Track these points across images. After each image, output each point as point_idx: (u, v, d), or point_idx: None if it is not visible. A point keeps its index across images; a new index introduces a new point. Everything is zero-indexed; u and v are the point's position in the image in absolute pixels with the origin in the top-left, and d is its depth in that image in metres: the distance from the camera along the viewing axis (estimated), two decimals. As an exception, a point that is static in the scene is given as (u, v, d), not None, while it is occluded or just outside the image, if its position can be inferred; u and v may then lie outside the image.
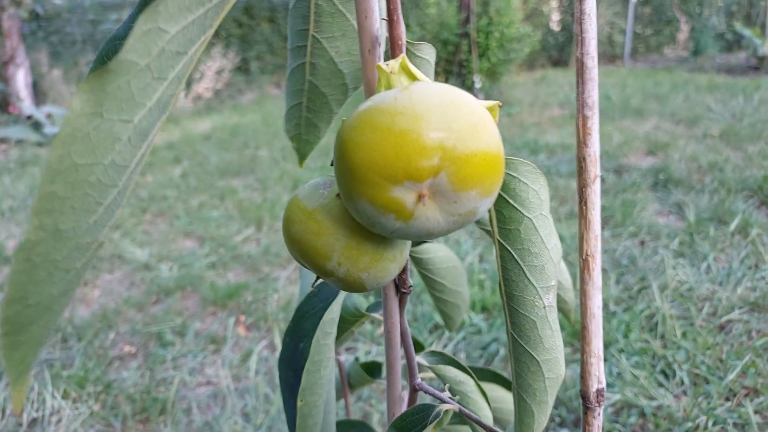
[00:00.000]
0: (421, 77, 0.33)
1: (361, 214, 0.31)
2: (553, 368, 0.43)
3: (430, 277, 0.75)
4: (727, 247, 2.48)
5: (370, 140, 0.28)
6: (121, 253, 2.81)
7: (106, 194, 0.28)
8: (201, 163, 4.45)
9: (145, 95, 0.27)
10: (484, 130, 0.29)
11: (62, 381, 1.86)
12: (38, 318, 0.30)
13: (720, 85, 6.00)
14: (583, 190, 0.49)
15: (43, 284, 0.28)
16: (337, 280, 0.37)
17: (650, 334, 1.92)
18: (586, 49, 0.44)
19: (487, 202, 0.31)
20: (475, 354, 1.90)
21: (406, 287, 0.46)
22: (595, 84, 0.46)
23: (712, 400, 1.60)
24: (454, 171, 0.28)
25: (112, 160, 0.27)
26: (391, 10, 0.33)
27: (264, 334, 2.11)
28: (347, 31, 0.42)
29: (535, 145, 4.23)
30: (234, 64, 7.63)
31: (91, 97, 0.25)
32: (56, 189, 0.25)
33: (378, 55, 0.36)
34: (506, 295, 0.41)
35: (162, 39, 0.26)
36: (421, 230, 0.31)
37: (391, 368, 0.53)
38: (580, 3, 0.42)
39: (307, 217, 0.36)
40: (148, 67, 0.26)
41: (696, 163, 3.58)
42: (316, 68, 0.44)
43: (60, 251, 0.28)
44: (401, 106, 0.28)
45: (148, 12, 0.25)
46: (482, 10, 5.91)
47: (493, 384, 0.78)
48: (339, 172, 0.31)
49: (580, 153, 0.48)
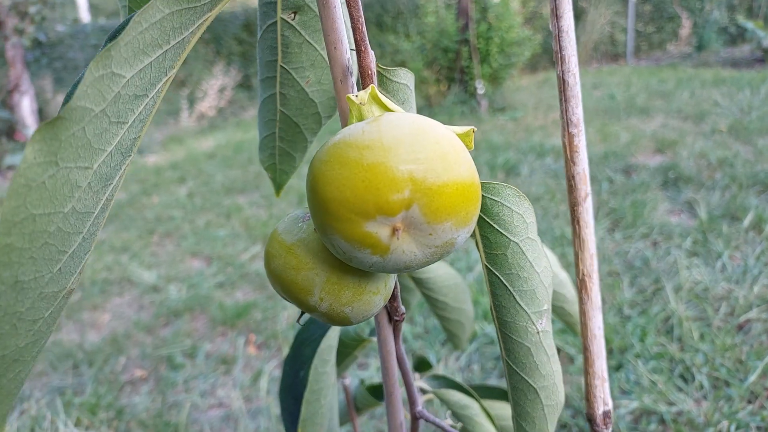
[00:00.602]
0: (391, 107, 0.32)
1: (337, 249, 0.30)
2: (551, 395, 0.41)
3: (431, 296, 0.74)
4: (741, 244, 2.43)
5: (339, 175, 0.27)
6: (129, 276, 2.81)
7: (69, 242, 0.27)
8: (206, 182, 4.46)
9: (103, 140, 0.26)
10: (455, 159, 0.28)
11: (74, 408, 1.86)
12: (6, 370, 0.29)
13: (726, 79, 5.95)
14: (575, 209, 0.48)
15: (6, 337, 0.27)
16: (320, 314, 0.36)
17: (667, 338, 1.89)
18: (567, 66, 0.42)
19: (464, 232, 0.30)
20: (488, 365, 1.88)
21: (399, 315, 0.45)
22: (578, 101, 0.44)
23: (734, 404, 1.56)
24: (426, 203, 0.27)
25: (72, 207, 0.26)
26: (358, 40, 0.31)
27: (274, 353, 2.09)
28: (316, 61, 0.41)
29: (541, 149, 4.20)
30: (236, 81, 7.68)
31: (44, 146, 0.24)
32: (12, 241, 0.25)
33: (350, 84, 0.35)
34: (498, 322, 0.39)
35: (117, 84, 0.25)
36: (398, 263, 0.30)
37: (390, 396, 0.52)
38: (557, 20, 0.41)
39: (287, 252, 0.35)
40: (104, 113, 0.25)
41: (705, 159, 3.54)
42: (286, 98, 0.43)
43: (23, 303, 0.27)
44: (369, 140, 0.27)
45: (100, 57, 0.24)
46: (481, 16, 5.91)
47: (501, 401, 0.76)
48: (312, 208, 0.30)
49: (569, 172, 0.46)
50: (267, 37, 0.41)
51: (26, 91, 5.84)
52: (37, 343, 0.30)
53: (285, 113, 0.44)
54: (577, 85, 0.42)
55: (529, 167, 3.84)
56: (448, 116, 5.59)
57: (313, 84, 0.43)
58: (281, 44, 0.41)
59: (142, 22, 0.25)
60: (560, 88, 0.42)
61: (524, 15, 7.94)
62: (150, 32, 0.26)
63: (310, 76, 0.42)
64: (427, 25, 6.22)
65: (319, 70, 0.42)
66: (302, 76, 0.42)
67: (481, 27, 5.81)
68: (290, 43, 0.41)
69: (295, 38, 0.41)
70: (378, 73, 0.37)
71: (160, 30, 0.26)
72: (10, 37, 5.56)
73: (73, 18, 9.13)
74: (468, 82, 5.96)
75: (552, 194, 3.25)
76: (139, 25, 0.25)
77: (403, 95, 0.40)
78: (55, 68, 6.91)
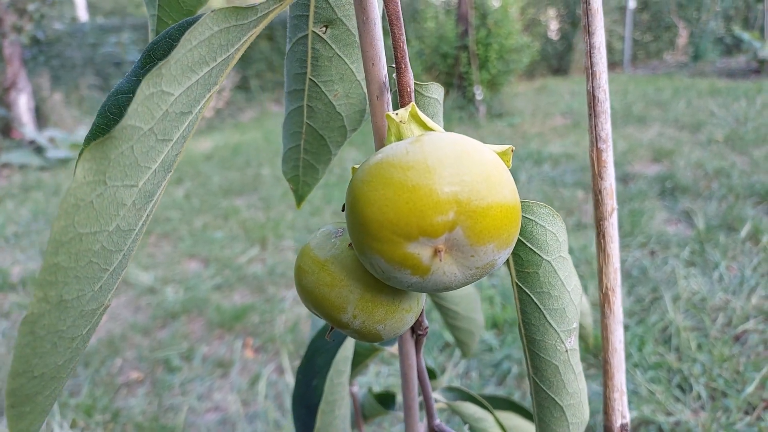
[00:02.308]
0: (431, 125, 0.32)
1: (375, 268, 0.30)
2: (576, 413, 0.41)
3: (443, 305, 0.74)
4: (738, 254, 2.45)
5: (382, 196, 0.27)
6: (125, 277, 2.80)
7: (111, 260, 0.27)
8: (204, 184, 4.45)
9: (149, 158, 0.26)
10: (498, 180, 0.28)
11: (70, 410, 1.85)
12: (44, 388, 0.29)
13: (722, 90, 5.99)
14: (601, 223, 0.48)
15: (47, 355, 0.27)
16: (352, 331, 0.36)
17: (665, 347, 1.90)
18: (598, 82, 0.42)
19: (505, 253, 0.30)
20: (487, 372, 1.88)
21: (422, 329, 0.45)
22: (607, 117, 0.45)
23: (731, 415, 1.57)
24: (470, 225, 0.27)
25: (116, 225, 0.26)
26: (398, 58, 0.31)
27: (272, 357, 2.09)
28: (345, 75, 0.41)
29: (538, 156, 4.22)
30: (234, 83, 7.67)
31: (94, 166, 0.24)
32: (60, 260, 0.24)
33: (387, 100, 0.34)
34: (527, 339, 0.39)
35: (165, 102, 0.25)
36: (438, 284, 0.30)
37: (409, 409, 0.51)
38: (589, 37, 0.41)
39: (320, 268, 0.35)
40: (152, 131, 0.25)
41: (702, 169, 3.56)
42: (313, 111, 0.43)
43: (64, 321, 0.27)
44: (413, 160, 0.27)
45: (151, 75, 0.24)
46: (480, 22, 5.93)
47: (509, 412, 0.76)
48: (351, 228, 0.30)
49: (596, 186, 0.47)
50: (297, 49, 0.41)
51: (23, 88, 5.81)
52: (73, 359, 0.30)
53: (311, 126, 0.44)
54: (606, 101, 0.42)
55: (527, 174, 3.85)
56: (446, 121, 5.60)
57: (341, 97, 0.43)
58: (311, 57, 0.41)
59: (192, 39, 0.25)
60: (590, 103, 0.42)
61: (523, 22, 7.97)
62: (198, 50, 0.26)
63: (338, 89, 0.42)
64: (426, 30, 6.24)
65: (347, 84, 0.42)
66: (331, 89, 0.42)
67: (481, 33, 5.83)
68: (320, 57, 0.41)
69: (326, 52, 0.40)
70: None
71: (208, 47, 0.26)
72: (8, 35, 5.53)
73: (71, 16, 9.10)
74: (466, 87, 5.97)
75: (550, 202, 3.26)
76: (189, 42, 0.25)
77: (433, 109, 0.40)
78: (53, 66, 6.87)
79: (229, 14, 0.28)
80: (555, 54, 9.12)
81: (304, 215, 3.48)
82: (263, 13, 0.30)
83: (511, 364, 1.88)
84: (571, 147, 4.43)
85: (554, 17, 9.48)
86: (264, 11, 0.30)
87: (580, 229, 2.87)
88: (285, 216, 3.52)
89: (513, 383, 1.81)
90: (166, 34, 0.31)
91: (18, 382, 0.26)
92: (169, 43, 0.30)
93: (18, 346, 0.25)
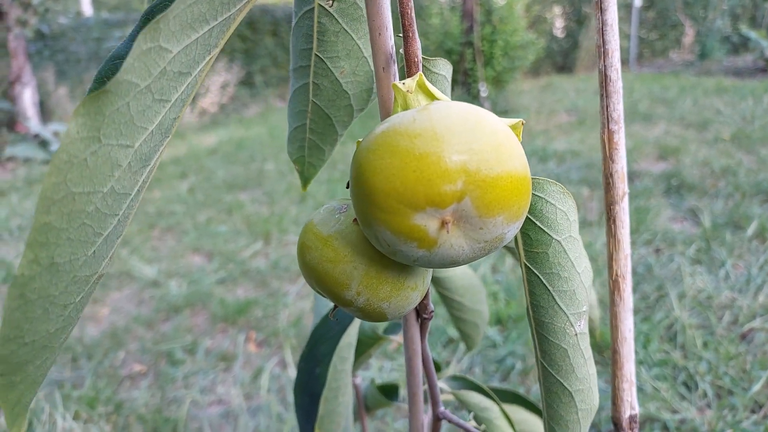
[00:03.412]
0: (439, 96, 0.31)
1: (380, 242, 0.29)
2: (586, 399, 0.40)
3: (448, 296, 0.72)
4: (744, 252, 2.43)
5: (388, 165, 0.26)
6: (129, 270, 2.80)
7: (105, 224, 0.26)
8: (208, 178, 4.45)
9: (145, 118, 0.25)
10: (509, 150, 0.27)
11: (73, 402, 1.84)
12: (35, 357, 0.28)
13: (728, 88, 5.95)
14: (611, 208, 0.47)
15: (38, 321, 0.26)
16: (356, 309, 0.35)
17: (670, 345, 1.88)
18: (610, 61, 0.41)
19: (515, 227, 0.29)
20: (490, 368, 1.87)
21: (428, 313, 0.44)
22: (620, 97, 0.43)
23: (738, 413, 1.56)
24: (479, 195, 0.26)
25: (111, 187, 0.25)
26: (406, 26, 0.30)
27: (275, 351, 2.08)
28: (352, 51, 0.40)
29: (543, 153, 4.20)
30: (238, 78, 7.66)
31: (88, 121, 0.22)
32: (51, 220, 0.23)
33: (393, 72, 0.33)
34: (535, 322, 0.38)
35: (163, 59, 0.24)
36: (445, 258, 0.29)
37: (414, 396, 0.50)
38: (602, 13, 0.40)
39: (323, 244, 0.33)
40: (148, 89, 0.24)
41: (708, 167, 3.54)
42: (319, 89, 0.42)
43: (56, 286, 0.25)
44: (420, 128, 0.26)
45: (149, 29, 0.23)
46: (485, 18, 5.90)
47: (514, 405, 0.75)
48: (356, 199, 0.29)
49: (607, 169, 0.45)
50: (302, 24, 0.40)
51: (28, 82, 5.82)
52: (65, 329, 0.28)
53: (317, 104, 0.43)
54: (619, 80, 0.41)
55: (532, 171, 3.83)
56: (450, 118, 5.57)
57: (348, 75, 0.41)
58: (317, 32, 0.40)
59: (192, -6, 0.24)
60: (602, 83, 0.41)
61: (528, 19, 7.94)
62: (199, 6, 0.25)
63: (345, 66, 0.41)
64: (431, 27, 6.22)
65: (354, 61, 0.41)
66: (337, 66, 0.41)
67: (486, 29, 5.80)
68: (326, 31, 0.39)
69: (332, 26, 0.39)
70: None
71: (210, 4, 0.25)
72: (13, 29, 5.53)
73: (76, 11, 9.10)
74: (471, 84, 5.95)
75: (555, 198, 3.24)
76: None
77: (441, 86, 0.38)
78: (57, 61, 6.88)
79: (231, -27, 0.27)
80: (560, 51, 9.08)
81: (308, 210, 3.48)
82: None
83: (515, 360, 1.86)
84: (576, 144, 4.41)
85: (559, 15, 9.44)
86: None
87: (585, 225, 2.86)
88: (289, 211, 3.51)
89: (517, 379, 1.80)
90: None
91: (8, 348, 0.25)
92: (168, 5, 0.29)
93: (7, 310, 0.24)
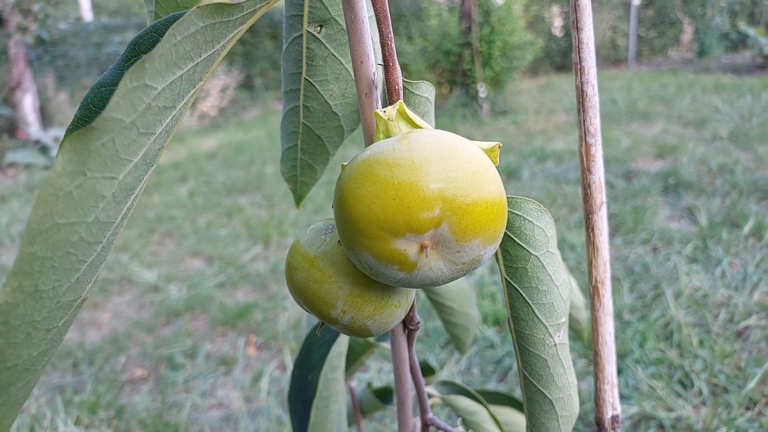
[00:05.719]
0: (419, 123, 0.32)
1: (363, 264, 0.30)
2: (566, 406, 0.41)
3: (437, 301, 0.74)
4: (741, 251, 2.44)
5: (369, 193, 0.28)
6: (129, 275, 2.81)
7: (89, 252, 0.27)
8: (207, 182, 4.46)
9: (130, 151, 0.26)
10: (484, 177, 0.28)
11: (74, 407, 1.86)
12: (17, 380, 0.29)
13: (726, 86, 5.96)
14: (590, 217, 0.48)
15: (21, 346, 0.27)
16: (341, 327, 0.36)
17: (666, 343, 1.89)
18: (586, 77, 0.43)
19: (491, 249, 0.30)
20: (488, 369, 1.88)
21: (414, 324, 0.45)
22: (596, 111, 0.45)
23: (733, 410, 1.57)
24: (456, 221, 0.28)
25: (95, 217, 0.26)
26: (386, 56, 0.32)
27: (275, 354, 2.09)
28: (341, 75, 0.41)
29: (542, 153, 4.21)
30: (238, 82, 7.68)
31: (74, 156, 0.24)
32: (36, 250, 0.25)
33: (375, 98, 0.35)
34: (516, 334, 0.40)
35: (148, 95, 0.25)
36: (425, 280, 0.30)
37: (402, 404, 0.52)
38: (578, 32, 0.41)
39: (309, 265, 0.35)
40: (133, 124, 0.25)
41: (706, 165, 3.55)
42: (309, 111, 0.43)
43: (39, 312, 0.27)
44: (399, 157, 0.28)
45: (135, 69, 0.24)
46: (484, 19, 5.92)
47: (506, 407, 0.76)
48: (339, 224, 0.30)
49: (585, 180, 0.47)
50: (292, 49, 0.41)
51: (28, 88, 5.83)
52: (48, 352, 0.30)
53: (308, 126, 0.44)
54: (595, 96, 0.42)
55: (530, 171, 3.84)
56: (449, 119, 5.59)
57: (337, 97, 0.43)
58: (306, 57, 0.41)
59: (176, 34, 0.25)
60: (579, 98, 0.42)
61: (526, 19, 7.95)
62: (183, 45, 0.26)
63: (334, 89, 0.42)
64: (429, 28, 6.23)
65: (343, 84, 0.42)
66: (326, 89, 0.42)
67: (484, 30, 5.81)
68: (315, 56, 0.41)
69: (321, 51, 0.41)
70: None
71: (193, 43, 0.26)
72: (13, 35, 5.55)
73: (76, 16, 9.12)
74: (470, 85, 5.96)
75: (553, 198, 3.26)
76: (174, 37, 0.25)
77: (424, 108, 0.40)
78: (58, 66, 6.90)
79: (215, 11, 0.28)
80: (559, 51, 9.09)
81: (307, 213, 3.49)
82: (249, 11, 0.30)
83: (513, 360, 1.88)
84: (574, 144, 4.42)
85: (558, 14, 9.45)
86: (249, 9, 0.30)
87: (582, 226, 2.87)
88: (288, 214, 3.52)
89: (514, 380, 1.81)
90: (152, 28, 0.31)
91: (-11, 373, 0.26)
92: (154, 37, 0.31)
93: (-11, 337, 0.25)
